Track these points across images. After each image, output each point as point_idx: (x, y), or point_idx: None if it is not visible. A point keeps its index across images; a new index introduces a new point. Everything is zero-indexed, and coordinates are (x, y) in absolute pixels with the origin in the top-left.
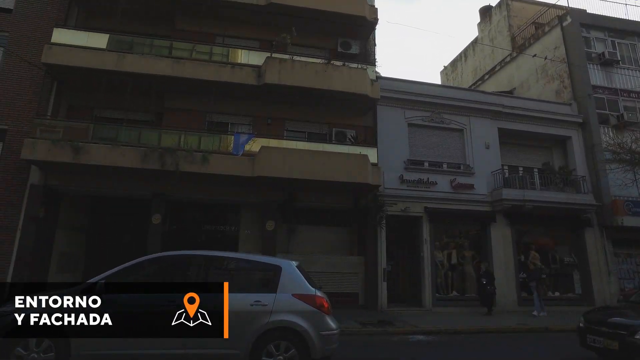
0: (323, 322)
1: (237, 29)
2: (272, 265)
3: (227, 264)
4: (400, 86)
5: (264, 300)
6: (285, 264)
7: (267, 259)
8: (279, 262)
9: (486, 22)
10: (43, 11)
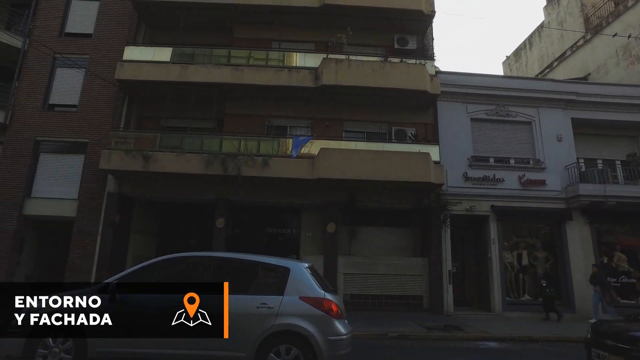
0: (331, 326)
1: (293, 33)
2: (280, 266)
3: (235, 265)
4: (461, 80)
5: (270, 302)
6: (294, 266)
7: (275, 260)
8: (287, 264)
9: (554, 4)
10: (116, 32)
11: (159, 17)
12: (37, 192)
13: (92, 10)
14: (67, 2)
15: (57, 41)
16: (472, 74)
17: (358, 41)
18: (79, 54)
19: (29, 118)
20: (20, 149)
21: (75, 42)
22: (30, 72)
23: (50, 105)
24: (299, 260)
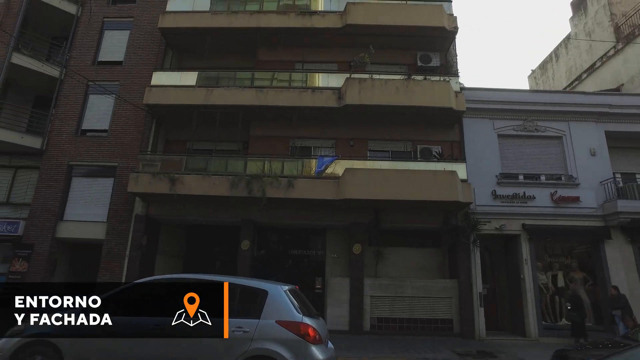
0: (307, 352)
1: (316, 54)
2: (258, 289)
3: (214, 288)
4: (487, 95)
5: (246, 326)
6: (273, 288)
7: (253, 283)
8: (265, 286)
9: (580, 15)
10: (145, 58)
11: (185, 43)
12: (69, 215)
13: (123, 39)
14: (100, 32)
15: (91, 69)
16: (498, 89)
17: (381, 60)
18: (110, 80)
19: (63, 144)
20: (54, 174)
21: (107, 70)
22: (65, 99)
23: (83, 130)
24: (280, 283)
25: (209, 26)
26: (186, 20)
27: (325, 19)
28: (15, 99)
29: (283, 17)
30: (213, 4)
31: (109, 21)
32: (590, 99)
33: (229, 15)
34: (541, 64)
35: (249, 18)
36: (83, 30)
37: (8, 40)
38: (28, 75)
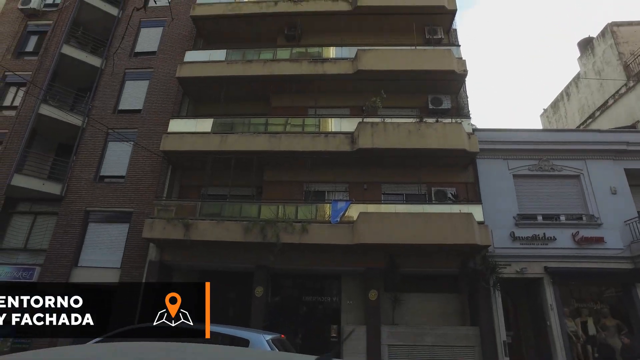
0: None
1: (328, 99)
2: (239, 338)
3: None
4: (500, 136)
5: None
6: (255, 337)
7: (234, 332)
8: (247, 335)
9: (588, 55)
10: (163, 106)
11: (201, 91)
12: (83, 261)
13: (143, 89)
14: (122, 83)
15: (111, 118)
16: (511, 130)
17: (392, 103)
18: (129, 128)
19: (82, 190)
20: (71, 220)
21: (126, 118)
22: (86, 147)
23: (101, 177)
24: (265, 332)
25: (224, 75)
26: (203, 69)
27: (336, 65)
28: (40, 146)
29: (296, 64)
30: (229, 54)
31: (130, 72)
32: (606, 137)
33: (244, 64)
34: (552, 102)
35: (262, 66)
36: (106, 81)
37: (38, 93)
38: (53, 124)
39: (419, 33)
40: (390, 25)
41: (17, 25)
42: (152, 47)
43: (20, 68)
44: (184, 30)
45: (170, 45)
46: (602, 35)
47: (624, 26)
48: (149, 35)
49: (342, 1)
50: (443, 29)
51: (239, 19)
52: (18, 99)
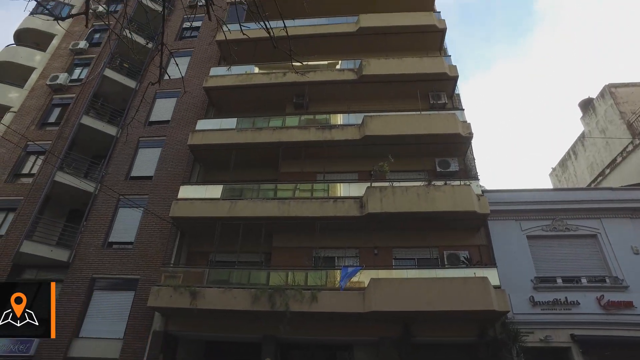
0: None
1: (336, 165)
2: None
3: None
4: (510, 197)
5: None
6: None
7: None
8: None
9: (590, 114)
10: (174, 173)
11: (211, 157)
12: (85, 332)
13: (155, 156)
14: (135, 151)
15: (123, 184)
16: (521, 190)
17: (400, 167)
18: (140, 194)
19: (89, 256)
20: (76, 287)
21: (137, 184)
22: (97, 212)
23: (109, 243)
24: None
25: (234, 142)
26: (214, 137)
27: (344, 131)
28: (52, 212)
29: (304, 131)
30: (239, 122)
31: (144, 140)
32: (621, 195)
33: (254, 132)
34: (560, 161)
35: (272, 134)
36: (120, 149)
37: (55, 162)
38: (66, 190)
39: (423, 98)
40: (395, 92)
41: (44, 99)
42: (166, 116)
43: (42, 138)
44: (197, 100)
45: (183, 115)
46: (601, 96)
47: (621, 87)
48: (164, 105)
49: (348, 71)
50: (446, 94)
51: (249, 89)
52: (36, 167)
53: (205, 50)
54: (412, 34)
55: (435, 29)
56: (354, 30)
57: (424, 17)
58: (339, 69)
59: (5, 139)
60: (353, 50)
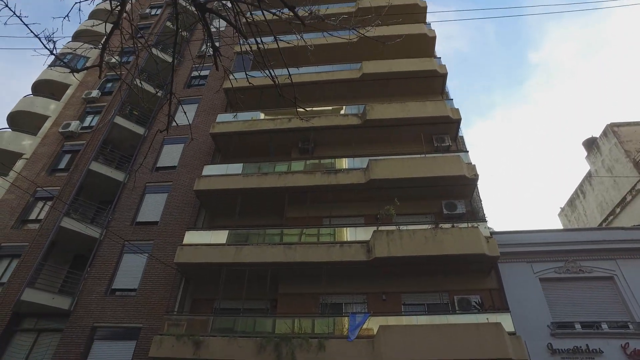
0: None
1: (342, 209)
2: None
3: None
4: (520, 238)
5: None
6: None
7: None
8: None
9: (595, 154)
10: (179, 218)
11: (217, 203)
12: None
13: (161, 201)
14: (141, 196)
15: (129, 230)
16: (531, 231)
17: (406, 210)
18: (145, 240)
19: (91, 304)
20: (76, 337)
21: (143, 230)
22: (101, 259)
23: (112, 290)
24: None
25: (240, 187)
26: (220, 182)
27: (349, 175)
28: (56, 258)
29: (310, 176)
30: (245, 167)
31: (150, 186)
32: (635, 234)
33: (259, 177)
34: (569, 201)
35: (277, 178)
36: (127, 195)
37: (62, 207)
38: (72, 236)
39: (427, 141)
40: (399, 135)
41: (55, 146)
42: (173, 162)
43: (51, 184)
44: (204, 146)
45: (190, 160)
46: (604, 135)
47: (623, 126)
48: (171, 151)
49: (352, 116)
50: (450, 136)
51: (255, 135)
52: (43, 212)
53: (213, 97)
54: (414, 79)
55: (436, 73)
56: (357, 77)
57: (425, 63)
58: (343, 114)
59: (15, 185)
60: (357, 96)
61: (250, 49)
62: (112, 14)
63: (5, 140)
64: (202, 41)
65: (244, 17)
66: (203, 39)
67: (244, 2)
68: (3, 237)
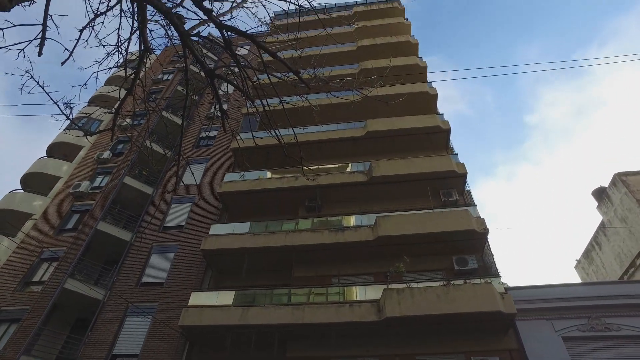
0: None
1: (350, 267)
2: None
3: None
4: (538, 293)
5: None
6: None
7: None
8: None
9: (606, 203)
10: (185, 279)
11: (224, 262)
12: None
13: (167, 262)
14: (148, 256)
15: (133, 291)
16: (549, 285)
17: (417, 267)
18: (149, 302)
19: None
20: None
21: (148, 291)
22: (103, 322)
23: (113, 355)
24: None
25: (247, 246)
26: (227, 242)
27: (357, 233)
28: (57, 322)
29: (317, 234)
30: (252, 226)
31: (157, 246)
32: None
33: (267, 236)
34: (584, 253)
35: (285, 237)
36: (133, 254)
37: (67, 268)
38: (75, 298)
39: (434, 196)
40: (406, 191)
41: (65, 206)
42: (180, 221)
43: (58, 244)
44: (211, 205)
45: (197, 220)
46: (613, 184)
47: (631, 175)
48: (178, 210)
49: (358, 173)
50: (457, 191)
51: (262, 194)
52: (48, 273)
53: (220, 157)
54: (418, 135)
55: (439, 129)
56: (362, 135)
57: (428, 120)
58: (349, 172)
59: (21, 246)
60: (362, 153)
61: (257, 110)
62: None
63: (17, 201)
64: (210, 104)
65: (251, 81)
66: (212, 102)
67: (250, 68)
68: (4, 301)
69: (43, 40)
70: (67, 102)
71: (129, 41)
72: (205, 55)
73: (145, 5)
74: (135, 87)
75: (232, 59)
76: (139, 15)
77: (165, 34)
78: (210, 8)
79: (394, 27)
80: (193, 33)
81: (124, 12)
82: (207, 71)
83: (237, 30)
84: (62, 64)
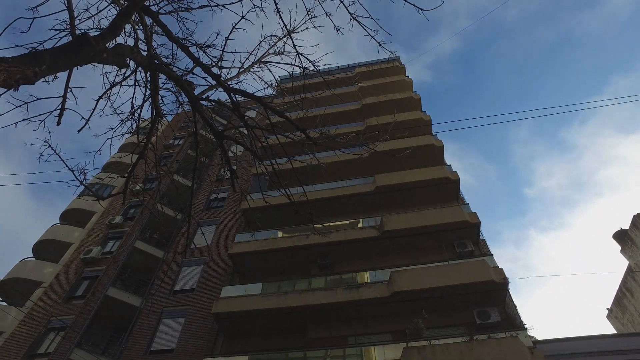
0: None
1: (367, 326)
2: None
3: None
4: (571, 347)
5: None
6: None
7: None
8: None
9: (630, 246)
10: (196, 344)
11: (236, 325)
12: None
13: (178, 327)
14: (158, 321)
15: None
16: (581, 337)
17: (437, 323)
18: None
19: None
20: None
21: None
22: None
23: None
24: None
25: (259, 308)
26: (238, 304)
27: (372, 289)
28: None
29: (331, 292)
30: (264, 287)
31: (167, 310)
32: None
33: (279, 297)
34: (615, 300)
35: (298, 297)
36: (142, 320)
37: (74, 338)
38: None
39: (448, 247)
40: (419, 244)
41: (75, 273)
42: (191, 284)
43: (66, 312)
44: (222, 267)
45: (208, 282)
46: (634, 226)
47: None
48: (189, 273)
49: (370, 228)
50: (472, 241)
51: (273, 253)
52: (54, 344)
53: (231, 218)
54: (427, 187)
55: (449, 180)
56: (371, 190)
57: (436, 171)
58: (360, 227)
59: (29, 315)
60: (372, 208)
61: (266, 170)
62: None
63: (27, 270)
64: (220, 165)
65: (259, 141)
66: (221, 163)
67: (258, 128)
68: None
69: (62, 110)
70: (82, 168)
71: (141, 108)
72: (214, 118)
73: (158, 74)
74: (147, 151)
75: (240, 120)
76: (152, 84)
77: (176, 99)
78: (218, 73)
79: (396, 84)
80: (202, 97)
81: (138, 82)
82: (216, 133)
83: (244, 93)
84: (79, 132)
